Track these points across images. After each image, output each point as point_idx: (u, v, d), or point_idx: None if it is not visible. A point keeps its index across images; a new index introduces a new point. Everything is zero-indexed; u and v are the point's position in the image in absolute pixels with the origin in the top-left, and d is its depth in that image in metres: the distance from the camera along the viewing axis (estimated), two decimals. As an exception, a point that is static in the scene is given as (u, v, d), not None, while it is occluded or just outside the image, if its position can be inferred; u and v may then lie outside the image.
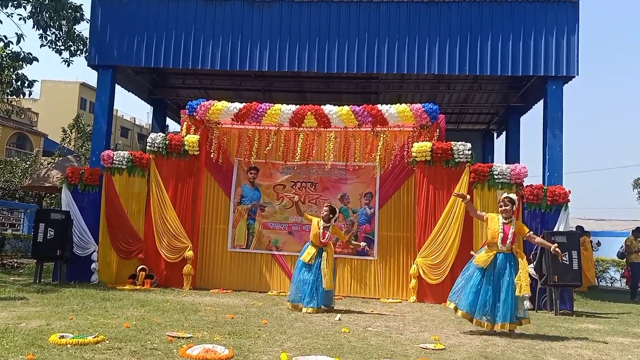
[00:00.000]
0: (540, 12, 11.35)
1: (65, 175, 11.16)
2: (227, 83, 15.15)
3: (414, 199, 10.63)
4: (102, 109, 12.18)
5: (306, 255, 8.30)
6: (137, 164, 10.98)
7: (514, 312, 6.51)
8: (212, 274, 11.05)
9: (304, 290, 8.14)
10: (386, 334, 6.42)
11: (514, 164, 10.65)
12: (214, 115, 10.87)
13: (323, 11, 11.72)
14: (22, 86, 13.04)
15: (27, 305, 7.35)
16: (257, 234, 11.12)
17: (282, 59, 11.73)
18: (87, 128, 27.83)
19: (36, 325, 5.81)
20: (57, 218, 10.57)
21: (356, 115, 10.49)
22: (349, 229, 10.84)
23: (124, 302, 7.99)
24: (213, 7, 11.92)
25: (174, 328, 6.01)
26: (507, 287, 6.49)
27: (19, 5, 12.60)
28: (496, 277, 6.60)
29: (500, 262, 6.65)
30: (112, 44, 12.04)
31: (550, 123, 11.18)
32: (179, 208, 10.79)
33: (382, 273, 10.67)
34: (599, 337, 6.93)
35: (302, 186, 11.15)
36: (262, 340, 5.57)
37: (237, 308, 8.10)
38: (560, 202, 10.07)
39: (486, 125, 18.11)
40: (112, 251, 10.91)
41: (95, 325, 5.94)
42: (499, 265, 6.63)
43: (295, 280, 8.36)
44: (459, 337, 6.39)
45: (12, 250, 17.14)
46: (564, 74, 11.15)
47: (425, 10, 11.55)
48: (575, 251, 9.52)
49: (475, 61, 11.38)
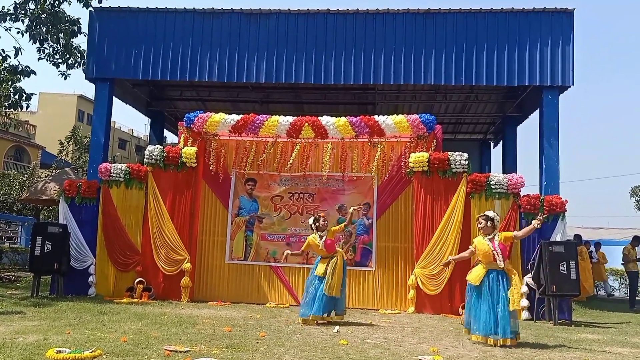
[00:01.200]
0: (535, 22, 11.44)
1: (63, 188, 11.15)
2: (225, 94, 15.19)
3: (411, 210, 10.64)
4: (99, 122, 12.21)
5: (320, 269, 8.21)
6: (135, 177, 10.98)
7: (512, 327, 6.56)
8: (210, 286, 11.02)
9: (307, 300, 8.15)
10: (385, 345, 6.41)
11: (511, 174, 10.67)
12: (212, 127, 10.89)
13: (319, 23, 11.79)
14: (20, 99, 13.06)
15: (24, 320, 7.33)
16: (255, 246, 11.11)
17: (279, 71, 11.79)
18: (84, 140, 27.84)
19: (33, 340, 5.78)
20: (54, 231, 10.54)
21: (353, 126, 10.52)
22: (347, 240, 10.84)
23: (121, 316, 7.97)
24: (210, 19, 12.00)
25: (171, 342, 5.99)
26: (503, 302, 6.54)
27: (16, 19, 12.67)
28: (491, 294, 6.65)
29: (492, 279, 6.73)
30: (110, 57, 12.10)
31: (546, 133, 11.23)
32: (177, 220, 10.78)
33: (381, 284, 10.66)
34: (598, 347, 6.92)
35: (300, 197, 11.16)
36: (260, 354, 5.56)
37: (235, 320, 8.08)
38: (558, 211, 10.08)
39: (483, 135, 18.16)
40: (109, 264, 10.89)
41: (92, 340, 5.91)
42: (492, 283, 6.70)
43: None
44: (457, 349, 6.38)
45: (9, 263, 17.11)
46: (560, 84, 11.23)
47: (421, 22, 11.63)
48: (573, 261, 9.50)
49: (471, 71, 11.45)
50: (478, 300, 6.72)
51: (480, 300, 6.70)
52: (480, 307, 6.67)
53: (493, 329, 6.53)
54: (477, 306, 6.72)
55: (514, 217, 10.09)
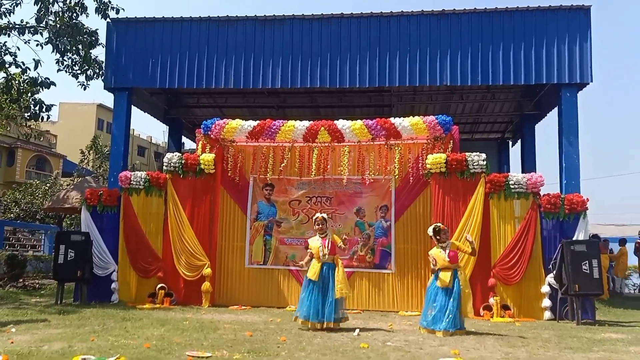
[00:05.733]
0: (551, 19, 11.33)
1: (85, 197, 11.32)
2: (241, 100, 15.30)
3: (430, 211, 10.60)
4: (119, 131, 12.39)
5: (311, 272, 7.87)
6: (155, 184, 11.11)
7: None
8: (231, 290, 11.10)
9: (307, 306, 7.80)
10: (405, 348, 6.40)
11: (530, 173, 10.58)
12: (229, 134, 10.98)
13: (334, 27, 11.82)
14: (40, 110, 13.31)
15: (49, 327, 7.45)
16: (274, 250, 11.16)
17: (294, 76, 11.84)
18: (104, 149, 28.21)
19: (59, 348, 5.88)
20: (77, 239, 10.72)
21: (369, 129, 10.53)
22: (366, 243, 10.84)
23: (144, 322, 8.06)
24: (225, 27, 12.10)
25: (193, 347, 6.05)
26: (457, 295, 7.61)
27: (35, 32, 12.90)
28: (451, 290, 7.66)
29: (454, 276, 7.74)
30: (128, 67, 12.28)
31: (565, 131, 11.11)
32: (196, 226, 10.88)
33: (400, 286, 10.63)
34: (622, 347, 6.83)
35: (318, 201, 11.18)
36: (281, 358, 5.59)
37: (255, 325, 8.12)
38: (579, 210, 9.96)
39: (501, 134, 18.02)
40: (131, 271, 11.02)
41: (116, 347, 6.00)
42: (455, 280, 7.73)
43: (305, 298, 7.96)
44: (479, 351, 6.35)
45: (33, 271, 17.35)
46: (578, 81, 11.10)
47: (436, 22, 11.60)
48: (595, 260, 9.39)
49: (487, 71, 11.38)
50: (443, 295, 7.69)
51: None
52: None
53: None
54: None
55: (534, 216, 10.00)
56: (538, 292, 9.85)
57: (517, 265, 9.87)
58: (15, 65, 12.84)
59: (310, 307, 7.73)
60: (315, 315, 7.69)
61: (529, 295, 9.95)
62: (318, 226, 8.14)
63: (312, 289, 7.84)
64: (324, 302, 7.73)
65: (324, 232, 8.12)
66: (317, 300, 7.73)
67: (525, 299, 9.97)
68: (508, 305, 9.82)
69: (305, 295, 7.90)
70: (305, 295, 7.90)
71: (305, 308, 7.78)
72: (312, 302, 7.74)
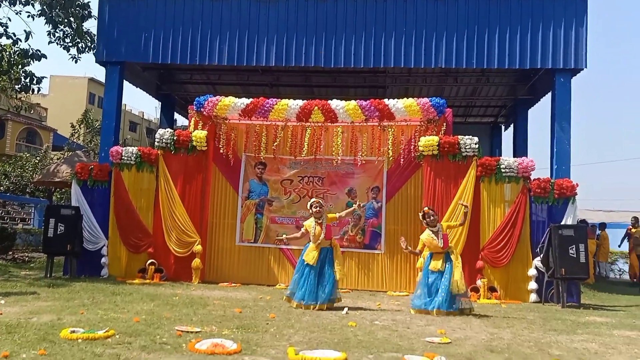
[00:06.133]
0: (548, 4, 11.28)
1: (75, 171, 11.26)
2: (234, 78, 15.18)
3: (421, 193, 10.65)
4: (110, 105, 12.27)
5: (310, 257, 7.91)
6: (146, 160, 11.07)
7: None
8: (221, 267, 11.15)
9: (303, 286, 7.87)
10: (393, 327, 6.47)
11: (522, 158, 10.63)
12: (222, 111, 10.92)
13: (329, 6, 11.71)
14: (31, 82, 13.17)
15: (38, 300, 7.46)
16: (265, 229, 11.19)
17: (289, 54, 11.75)
18: (95, 123, 28.00)
19: (47, 320, 5.90)
20: (67, 213, 10.69)
21: (363, 110, 10.50)
22: (357, 223, 10.89)
23: (133, 296, 8.09)
24: (220, 2, 11.94)
25: (183, 322, 6.09)
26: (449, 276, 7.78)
27: (27, 3, 12.71)
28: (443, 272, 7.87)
29: (446, 258, 7.95)
30: (120, 41, 12.12)
31: (558, 116, 11.14)
32: (188, 203, 10.88)
33: (389, 266, 10.72)
34: (606, 330, 6.95)
35: (310, 181, 11.20)
36: (269, 335, 5.64)
37: (245, 302, 8.18)
38: (568, 195, 10.04)
39: (494, 118, 18.05)
40: (121, 246, 11.02)
41: (105, 320, 6.02)
42: (446, 263, 7.93)
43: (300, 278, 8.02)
44: (465, 331, 6.43)
45: (23, 244, 17.34)
46: (572, 67, 11.10)
47: (432, 4, 11.52)
48: (582, 244, 9.49)
49: (482, 54, 11.35)
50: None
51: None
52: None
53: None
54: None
55: (524, 200, 10.08)
56: (525, 275, 9.97)
57: (505, 248, 9.97)
58: (6, 36, 12.68)
59: (305, 290, 7.81)
60: (310, 296, 7.77)
61: (515, 278, 10.07)
62: (315, 209, 8.10)
63: (308, 273, 7.89)
64: (319, 284, 7.83)
65: (320, 216, 8.12)
66: (312, 284, 7.82)
67: (512, 282, 10.09)
68: (495, 287, 9.94)
69: (301, 279, 7.93)
70: (301, 279, 7.93)
71: (302, 292, 7.84)
72: (307, 285, 7.82)
